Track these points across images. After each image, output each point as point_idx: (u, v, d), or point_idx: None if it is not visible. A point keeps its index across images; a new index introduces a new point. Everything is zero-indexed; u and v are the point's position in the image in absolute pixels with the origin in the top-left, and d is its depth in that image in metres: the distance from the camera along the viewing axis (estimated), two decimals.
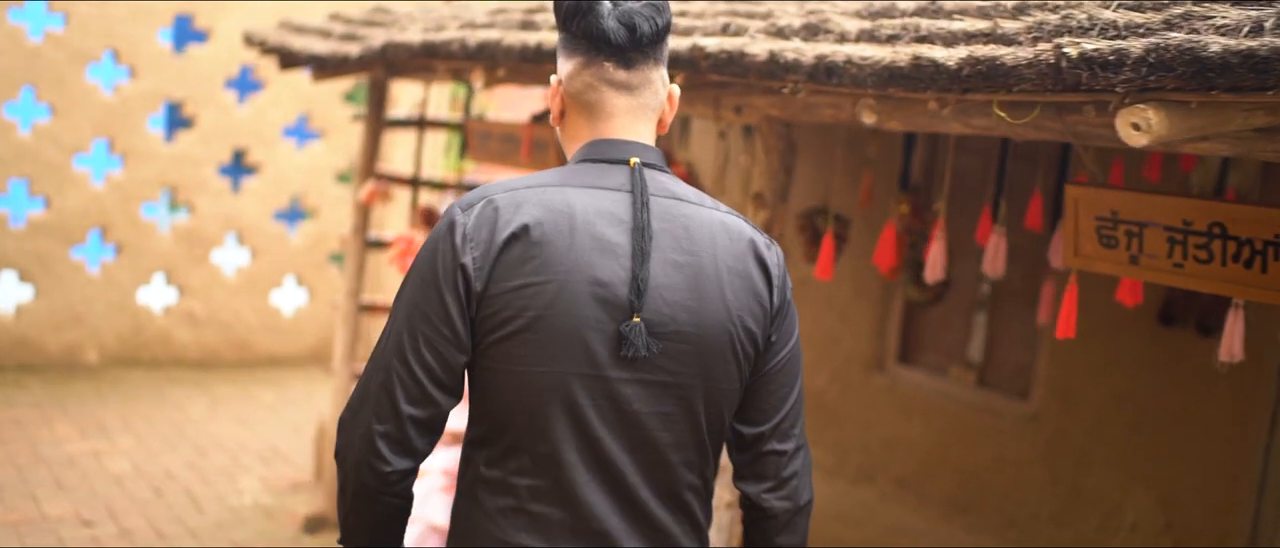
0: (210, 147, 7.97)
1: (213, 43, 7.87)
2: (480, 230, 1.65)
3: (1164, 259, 2.25)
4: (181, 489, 5.65)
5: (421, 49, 3.92)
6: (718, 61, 2.65)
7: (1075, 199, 2.40)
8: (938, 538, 4.96)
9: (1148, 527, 4.28)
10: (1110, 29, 1.94)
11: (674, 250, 1.70)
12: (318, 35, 4.88)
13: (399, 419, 1.65)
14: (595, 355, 1.65)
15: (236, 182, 8.22)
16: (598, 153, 1.76)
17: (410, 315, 1.66)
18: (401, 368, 1.65)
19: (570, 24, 1.75)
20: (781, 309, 1.79)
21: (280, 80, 7.99)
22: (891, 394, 5.37)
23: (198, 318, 8.12)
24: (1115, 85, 1.83)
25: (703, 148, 5.50)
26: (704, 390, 1.72)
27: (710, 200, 1.80)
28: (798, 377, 1.85)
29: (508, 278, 1.64)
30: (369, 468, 1.66)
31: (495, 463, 1.71)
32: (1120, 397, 4.38)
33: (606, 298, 1.65)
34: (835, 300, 5.52)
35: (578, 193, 1.69)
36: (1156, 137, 1.81)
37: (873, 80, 2.26)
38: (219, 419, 6.88)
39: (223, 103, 7.99)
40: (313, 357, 8.55)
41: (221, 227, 8.13)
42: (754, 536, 1.89)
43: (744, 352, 1.74)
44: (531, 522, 1.69)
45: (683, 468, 1.74)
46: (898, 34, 2.36)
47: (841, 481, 5.53)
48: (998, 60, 2.01)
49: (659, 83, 1.80)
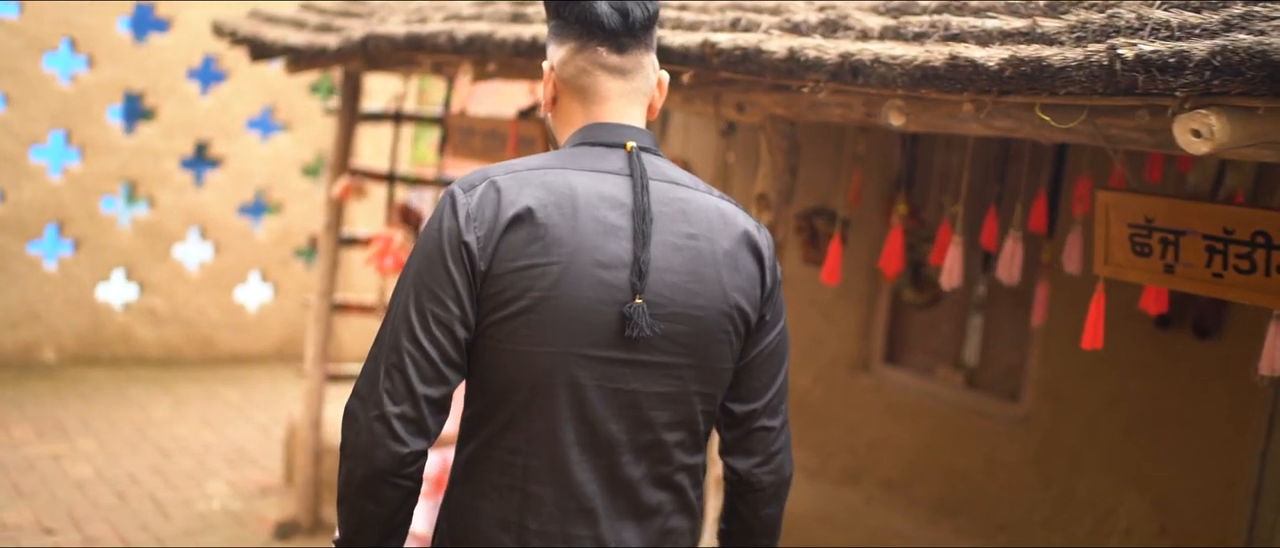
0: (172, 139, 7.77)
1: (174, 32, 7.68)
2: (484, 210, 1.67)
3: (1202, 269, 2.16)
4: (146, 494, 5.47)
5: (405, 41, 3.77)
6: (731, 58, 2.54)
7: (1107, 205, 2.31)
8: (926, 542, 4.88)
9: (1142, 531, 4.23)
10: (1163, 29, 1.84)
11: (673, 233, 1.73)
12: (291, 26, 4.71)
13: (415, 399, 1.65)
14: (596, 336, 1.68)
15: (199, 175, 8.02)
16: (594, 136, 1.79)
17: (418, 295, 1.67)
18: (413, 348, 1.65)
19: (563, 9, 1.79)
20: (773, 290, 1.84)
21: (244, 71, 7.81)
22: (877, 395, 5.29)
23: (159, 315, 7.92)
24: (1175, 89, 1.73)
25: (683, 147, 5.39)
26: (700, 371, 1.76)
27: (703, 184, 1.84)
28: (787, 355, 1.92)
29: (511, 258, 1.66)
30: (385, 451, 1.65)
31: (492, 441, 1.74)
32: (1114, 399, 4.32)
33: (609, 280, 1.68)
34: (819, 299, 5.43)
35: (578, 175, 1.72)
36: (1219, 144, 1.71)
37: (903, 80, 2.16)
38: (183, 420, 6.70)
39: (185, 94, 7.79)
40: (278, 355, 8.37)
41: (184, 221, 7.93)
42: (741, 508, 1.95)
43: (738, 332, 1.79)
44: (525, 501, 1.72)
45: (677, 449, 1.78)
46: (926, 32, 2.26)
47: (825, 483, 5.45)
48: (1044, 61, 1.90)
49: (650, 68, 1.84)
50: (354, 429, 1.67)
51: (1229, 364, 3.99)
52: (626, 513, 1.76)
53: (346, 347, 8.06)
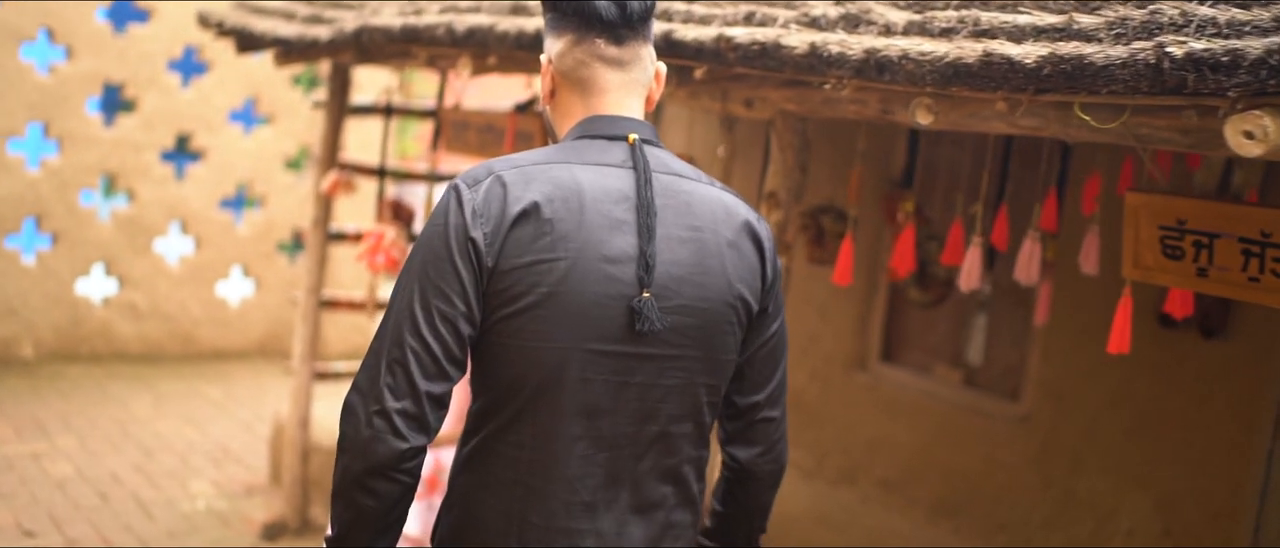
0: (152, 131, 7.64)
1: (155, 22, 7.54)
2: (490, 206, 1.66)
3: (1237, 273, 2.10)
4: (129, 494, 5.36)
5: (401, 34, 3.68)
6: (748, 53, 2.46)
7: (1136, 207, 2.25)
8: (924, 542, 4.83)
9: (1145, 532, 4.19)
10: (1210, 26, 1.78)
11: (678, 226, 1.73)
12: (281, 17, 4.60)
13: (417, 395, 1.64)
14: (604, 331, 1.68)
15: (180, 168, 7.89)
16: (595, 129, 1.78)
17: (423, 290, 1.65)
18: (417, 343, 1.64)
19: (561, 3, 1.79)
20: (773, 281, 1.85)
21: (226, 62, 7.68)
22: (874, 394, 5.24)
23: (140, 310, 7.79)
24: (1227, 89, 1.67)
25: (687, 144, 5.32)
26: (706, 363, 1.77)
27: (706, 176, 1.84)
28: (787, 346, 1.94)
29: (518, 254, 1.65)
30: (385, 446, 1.63)
31: (497, 435, 1.74)
32: (1117, 399, 4.28)
33: (616, 274, 1.67)
34: (814, 297, 5.37)
35: (583, 170, 1.71)
36: (1273, 145, 1.65)
37: (933, 78, 2.09)
38: (165, 417, 6.58)
39: (165, 85, 7.66)
40: (260, 350, 8.26)
41: (164, 215, 7.80)
42: (739, 495, 1.98)
43: (741, 323, 1.80)
44: (527, 494, 1.72)
45: (683, 441, 1.79)
46: (953, 27, 2.19)
47: (821, 482, 5.39)
48: (1086, 59, 1.84)
49: (648, 59, 1.84)
50: (353, 424, 1.65)
51: (1235, 364, 3.95)
52: (629, 507, 1.76)
53: (333, 344, 7.94)
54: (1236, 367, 3.94)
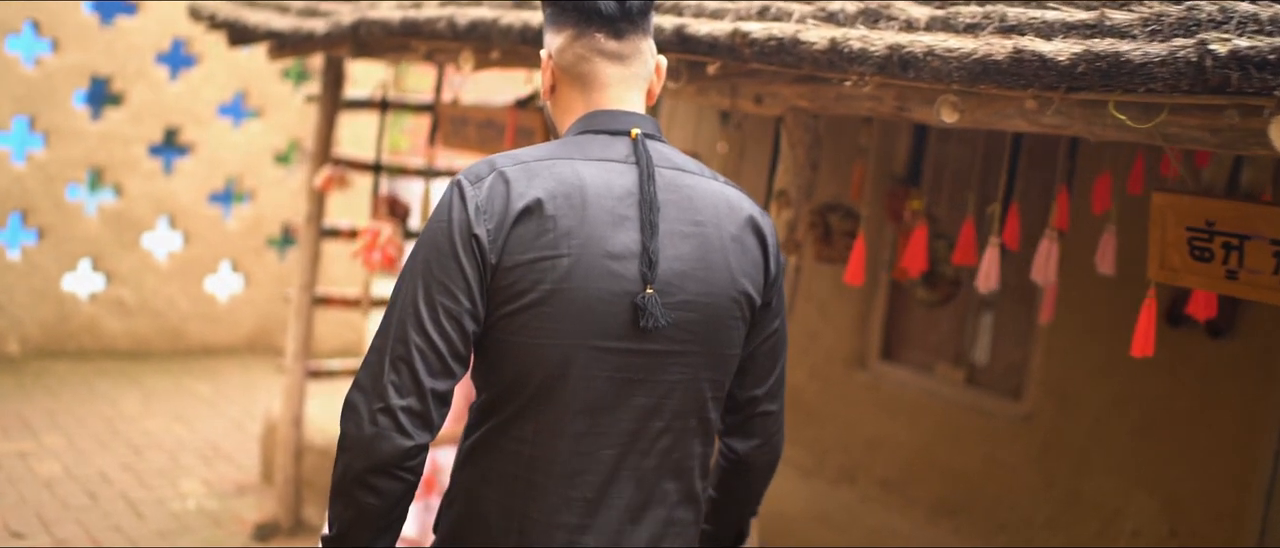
0: (140, 125, 7.55)
1: (142, 15, 7.45)
2: (493, 202, 1.65)
3: (1269, 275, 2.06)
4: (118, 494, 5.28)
5: (400, 27, 3.60)
6: (765, 49, 2.40)
7: (1163, 208, 2.20)
8: (924, 541, 4.79)
9: (1151, 533, 4.15)
10: (1251, 24, 1.73)
11: (681, 221, 1.72)
12: (275, 9, 4.52)
13: (421, 393, 1.62)
14: (608, 327, 1.67)
15: (168, 162, 7.80)
16: (597, 124, 1.77)
17: (428, 287, 1.64)
18: (421, 340, 1.62)
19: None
20: (776, 275, 1.84)
21: (215, 56, 7.59)
22: (874, 392, 5.20)
23: (127, 306, 7.69)
24: (1274, 88, 1.62)
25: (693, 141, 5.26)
26: (710, 358, 1.76)
27: (708, 170, 1.83)
28: (787, 340, 1.95)
29: (522, 251, 1.64)
30: (389, 443, 1.61)
31: (500, 430, 1.73)
32: (1122, 398, 4.24)
33: (619, 271, 1.66)
34: (814, 294, 5.32)
35: (586, 166, 1.70)
36: None
37: (960, 75, 2.03)
38: (154, 415, 6.49)
39: (153, 78, 7.56)
40: (249, 346, 8.18)
41: (152, 209, 7.71)
42: (736, 484, 1.99)
43: (745, 318, 1.79)
44: (529, 490, 1.71)
45: (686, 437, 1.78)
46: (979, 23, 2.13)
47: (821, 481, 5.35)
48: (1123, 57, 1.78)
49: (648, 52, 1.83)
50: (356, 422, 1.63)
51: (1241, 364, 3.92)
52: (632, 504, 1.75)
53: (325, 341, 7.86)
54: (1243, 366, 3.91)
